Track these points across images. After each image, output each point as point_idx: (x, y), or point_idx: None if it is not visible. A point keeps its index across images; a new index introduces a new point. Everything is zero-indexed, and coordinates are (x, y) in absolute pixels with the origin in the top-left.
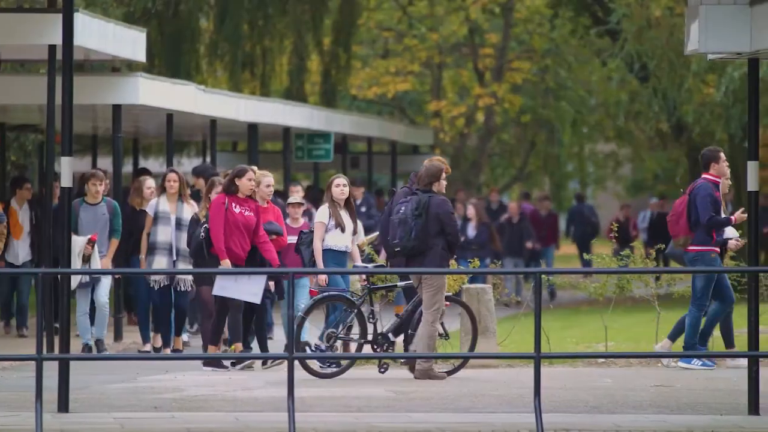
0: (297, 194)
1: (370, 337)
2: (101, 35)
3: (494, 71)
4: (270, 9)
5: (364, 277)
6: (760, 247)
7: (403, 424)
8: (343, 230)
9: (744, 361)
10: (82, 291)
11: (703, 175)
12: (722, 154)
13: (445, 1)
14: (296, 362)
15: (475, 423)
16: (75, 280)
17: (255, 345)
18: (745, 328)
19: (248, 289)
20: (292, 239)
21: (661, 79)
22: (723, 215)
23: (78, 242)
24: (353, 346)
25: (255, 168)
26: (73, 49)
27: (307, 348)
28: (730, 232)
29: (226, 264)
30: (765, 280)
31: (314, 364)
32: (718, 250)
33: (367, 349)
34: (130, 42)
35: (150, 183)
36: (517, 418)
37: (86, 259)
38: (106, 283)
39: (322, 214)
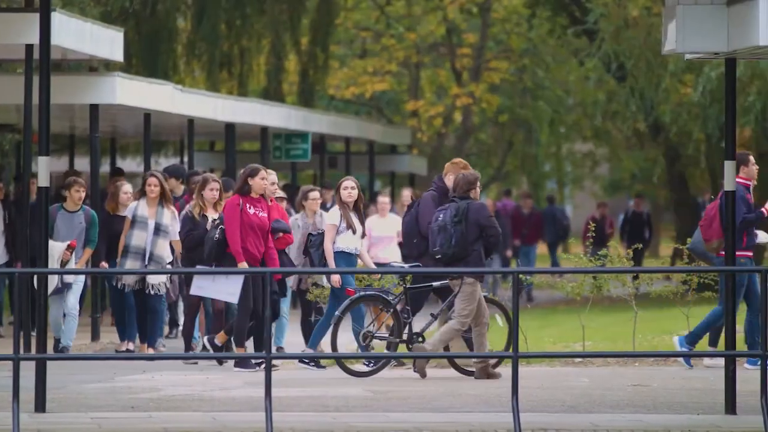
0: None
1: (405, 337)
2: (78, 35)
3: (472, 71)
4: (248, 9)
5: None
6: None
7: (381, 423)
8: (354, 232)
9: (721, 361)
10: (55, 298)
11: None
12: (751, 157)
13: (422, 0)
14: (314, 361)
15: (452, 422)
16: (50, 287)
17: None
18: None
19: (226, 289)
20: None
21: (638, 78)
22: None
23: (56, 248)
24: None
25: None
26: (51, 49)
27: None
28: (762, 236)
29: (243, 266)
30: None
31: (349, 362)
32: (749, 254)
33: (402, 348)
34: (107, 41)
35: (127, 188)
36: (495, 417)
37: (64, 265)
38: (76, 291)
39: (332, 216)
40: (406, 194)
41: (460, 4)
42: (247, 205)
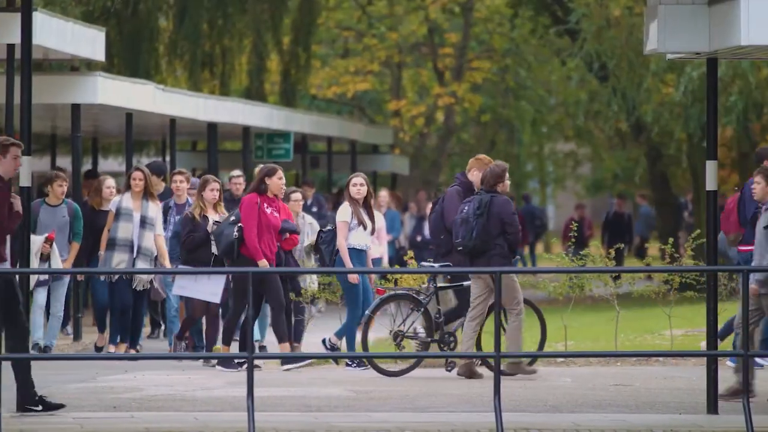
0: None
1: (437, 336)
2: (60, 34)
3: (454, 71)
4: (229, 8)
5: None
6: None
7: (363, 423)
8: (365, 228)
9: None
10: (39, 289)
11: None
12: None
13: (404, 0)
14: (344, 361)
15: (434, 422)
16: (33, 280)
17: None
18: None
19: (208, 289)
20: None
21: (620, 78)
22: None
23: (36, 242)
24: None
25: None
26: (32, 49)
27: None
28: None
29: (263, 264)
30: (724, 279)
31: (383, 362)
32: None
33: (434, 348)
34: (89, 41)
35: (110, 183)
36: (477, 417)
37: (45, 258)
38: (61, 293)
39: (343, 213)
40: (383, 195)
41: (442, 4)
42: (264, 205)
